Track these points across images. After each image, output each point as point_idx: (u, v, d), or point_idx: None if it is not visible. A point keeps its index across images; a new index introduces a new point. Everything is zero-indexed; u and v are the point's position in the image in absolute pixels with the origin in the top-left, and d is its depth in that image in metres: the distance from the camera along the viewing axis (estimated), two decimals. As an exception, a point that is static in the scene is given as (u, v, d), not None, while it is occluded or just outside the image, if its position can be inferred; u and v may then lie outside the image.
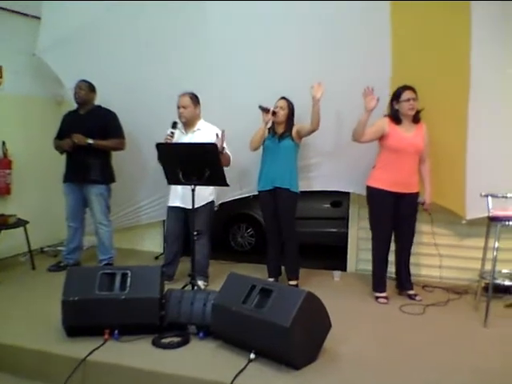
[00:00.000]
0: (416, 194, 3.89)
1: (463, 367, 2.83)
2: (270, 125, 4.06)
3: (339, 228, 5.58)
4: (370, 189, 3.92)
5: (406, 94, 3.73)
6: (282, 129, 4.08)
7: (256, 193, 4.37)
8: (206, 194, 3.98)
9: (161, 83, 4.36)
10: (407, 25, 3.88)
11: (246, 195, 4.78)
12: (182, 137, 4.04)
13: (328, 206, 5.84)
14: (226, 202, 4.84)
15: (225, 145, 3.84)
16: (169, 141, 3.86)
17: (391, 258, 4.05)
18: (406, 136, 3.78)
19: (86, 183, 4.40)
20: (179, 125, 4.02)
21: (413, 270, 4.16)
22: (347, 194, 4.80)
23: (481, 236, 3.77)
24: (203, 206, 4.00)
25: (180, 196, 4.08)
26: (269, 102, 4.01)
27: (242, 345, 2.90)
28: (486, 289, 3.67)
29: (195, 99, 4.05)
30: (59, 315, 3.06)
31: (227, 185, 3.65)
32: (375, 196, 3.89)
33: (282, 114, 4.03)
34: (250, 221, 5.92)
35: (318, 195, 5.19)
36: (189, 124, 4.08)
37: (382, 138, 3.82)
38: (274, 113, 3.98)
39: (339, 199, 5.62)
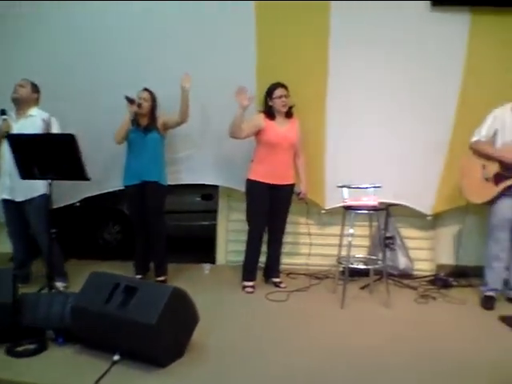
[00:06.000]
0: (291, 186, 4.07)
1: (323, 348, 3.00)
2: (132, 117, 3.94)
3: (210, 221, 5.59)
4: (249, 182, 4.02)
5: (278, 92, 3.91)
6: (146, 121, 4.00)
7: (121, 187, 4.21)
8: (37, 185, 3.62)
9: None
10: (271, 24, 4.03)
11: (110, 190, 4.58)
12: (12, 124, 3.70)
13: (199, 199, 5.82)
14: (91, 197, 4.60)
15: (55, 131, 3.68)
16: (5, 129, 3.57)
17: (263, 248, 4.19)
18: (280, 131, 3.93)
19: None
20: (11, 112, 3.72)
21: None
22: (217, 187, 4.83)
23: (339, 224, 4.02)
24: (35, 198, 3.70)
25: (8, 187, 3.75)
26: (132, 95, 3.92)
27: (106, 347, 2.77)
28: (343, 273, 3.93)
29: (34, 87, 3.81)
30: None
31: (88, 178, 3.45)
32: (254, 188, 3.99)
33: (146, 106, 3.96)
34: (116, 216, 5.69)
35: (189, 188, 5.15)
36: (22, 107, 3.76)
37: (258, 133, 3.95)
38: (139, 105, 3.90)
39: (210, 192, 5.62)
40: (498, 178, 3.67)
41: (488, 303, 3.76)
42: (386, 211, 4.28)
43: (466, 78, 4.00)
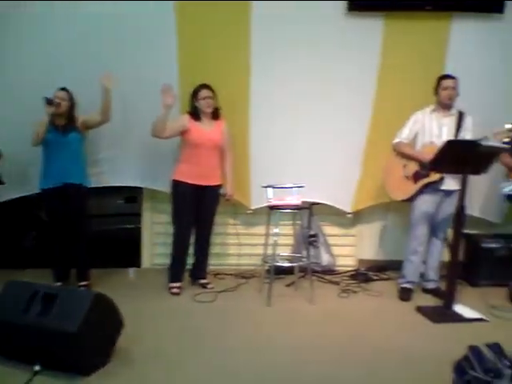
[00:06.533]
0: (218, 187, 4.07)
1: (250, 347, 3.04)
2: (50, 117, 3.79)
3: (135, 224, 5.47)
4: (174, 182, 3.99)
5: (203, 93, 3.92)
6: (64, 121, 3.87)
7: (38, 191, 4.03)
8: None
9: None
10: (192, 23, 4.04)
11: (26, 194, 4.35)
12: None
13: (122, 201, 5.67)
14: (5, 202, 4.36)
15: None
16: None
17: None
18: (205, 131, 3.94)
19: None
20: None
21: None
22: (142, 189, 4.74)
23: (265, 224, 4.06)
24: None
25: None
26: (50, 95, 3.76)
27: (27, 357, 2.64)
28: (269, 271, 3.99)
29: None
30: None
31: (2, 182, 3.28)
32: (178, 189, 3.97)
33: (64, 105, 3.83)
34: (33, 221, 5.40)
35: (112, 191, 5.01)
36: None
37: (183, 133, 3.94)
38: (57, 104, 3.76)
39: (134, 195, 5.50)
40: (416, 177, 3.90)
41: (405, 294, 3.98)
42: (309, 210, 4.41)
43: (381, 80, 4.21)
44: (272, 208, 3.90)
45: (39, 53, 3.95)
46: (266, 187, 3.99)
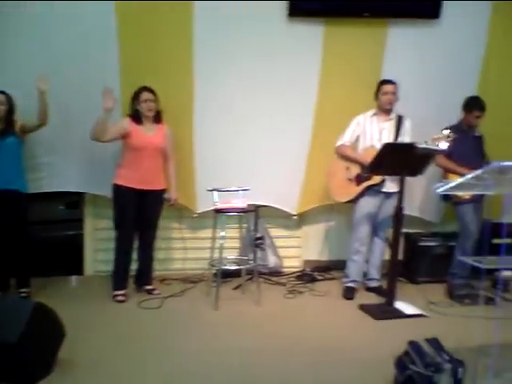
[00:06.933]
0: (161, 191, 4.03)
1: (198, 352, 3.02)
2: None
3: (77, 230, 5.30)
4: (115, 187, 3.91)
5: (144, 96, 3.87)
6: (2, 125, 3.73)
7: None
8: None
9: None
10: (133, 24, 3.99)
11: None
12: None
13: (63, 207, 5.49)
14: None
15: None
16: None
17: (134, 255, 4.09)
18: (146, 135, 3.89)
19: None
20: None
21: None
22: (83, 194, 4.62)
23: (211, 227, 4.05)
24: None
25: None
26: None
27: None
28: (216, 275, 3.97)
29: None
30: None
31: None
32: (120, 193, 3.89)
33: (2, 109, 3.70)
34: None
35: (52, 196, 4.84)
36: None
37: (124, 137, 3.87)
38: None
39: (76, 200, 5.33)
40: (358, 179, 4.02)
41: (348, 293, 4.09)
42: (255, 213, 4.44)
43: (322, 83, 4.30)
44: (218, 211, 3.90)
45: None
46: (211, 190, 3.98)
